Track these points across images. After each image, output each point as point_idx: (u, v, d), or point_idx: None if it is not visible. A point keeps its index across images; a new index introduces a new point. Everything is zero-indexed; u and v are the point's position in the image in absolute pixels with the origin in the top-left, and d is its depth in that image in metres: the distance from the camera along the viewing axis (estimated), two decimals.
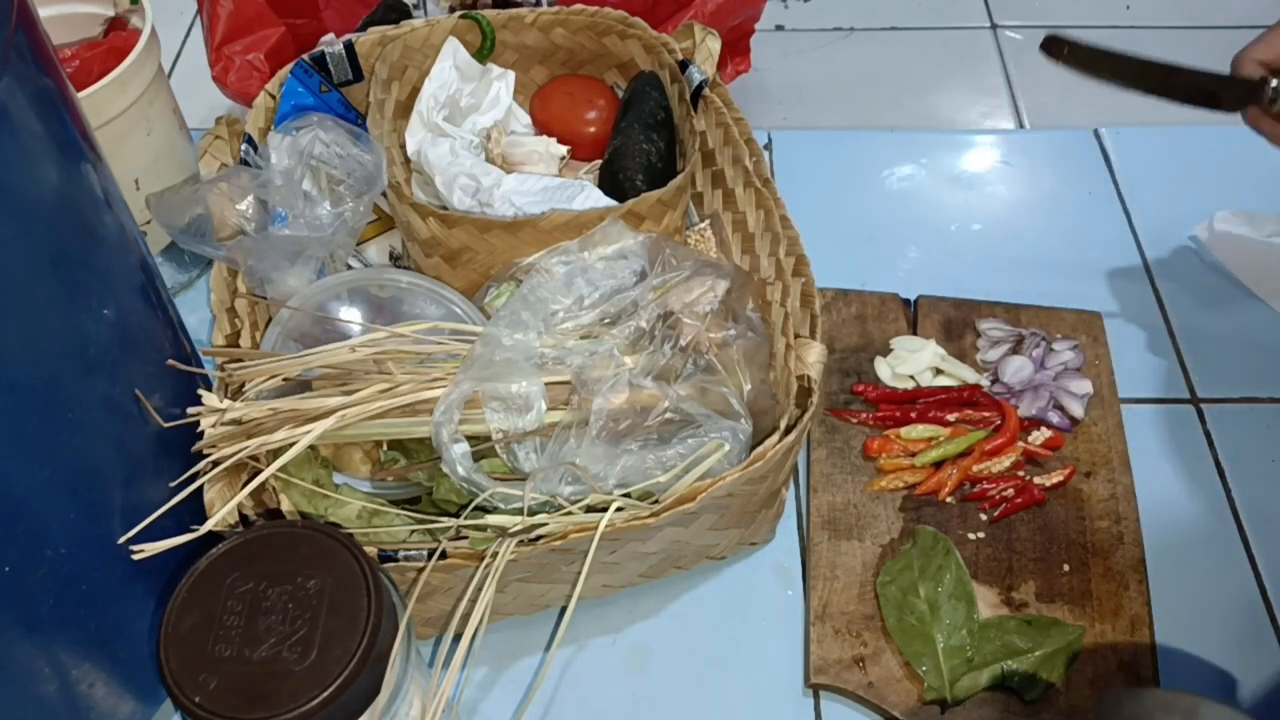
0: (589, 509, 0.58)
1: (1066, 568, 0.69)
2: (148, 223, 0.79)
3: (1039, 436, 0.75)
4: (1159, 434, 0.77)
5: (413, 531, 0.61)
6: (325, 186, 0.73)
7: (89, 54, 0.78)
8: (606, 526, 0.57)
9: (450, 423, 0.59)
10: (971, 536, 0.71)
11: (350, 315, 0.71)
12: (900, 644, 0.65)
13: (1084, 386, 0.77)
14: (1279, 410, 0.79)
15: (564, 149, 0.81)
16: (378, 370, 0.61)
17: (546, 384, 0.61)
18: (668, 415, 0.61)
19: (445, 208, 0.74)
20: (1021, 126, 1.04)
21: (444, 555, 0.57)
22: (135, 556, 0.53)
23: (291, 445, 0.57)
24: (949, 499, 0.72)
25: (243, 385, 0.61)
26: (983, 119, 1.05)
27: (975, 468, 0.73)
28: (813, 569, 0.69)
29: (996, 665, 0.63)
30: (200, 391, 0.59)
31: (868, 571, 0.69)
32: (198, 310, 0.84)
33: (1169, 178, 0.95)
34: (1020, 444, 0.74)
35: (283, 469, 0.58)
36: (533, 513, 0.58)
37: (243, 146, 0.74)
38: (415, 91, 0.81)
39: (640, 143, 0.76)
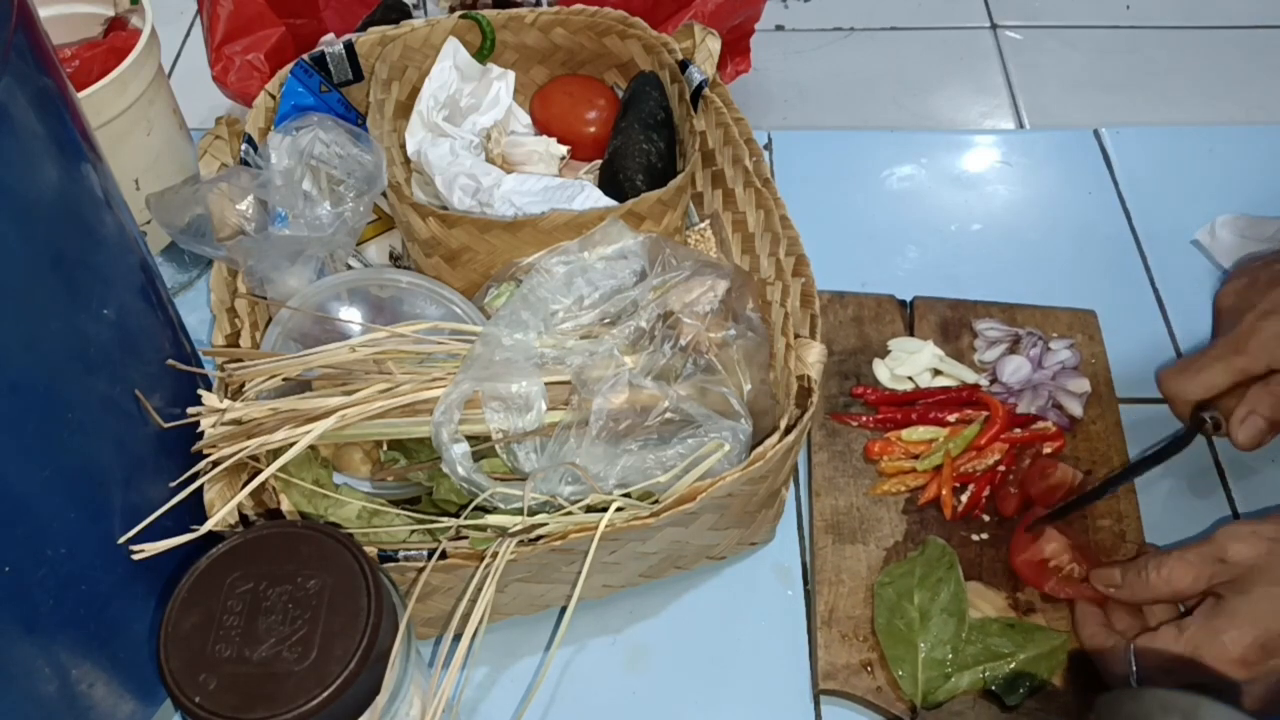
0: (589, 509, 0.58)
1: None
2: (148, 223, 0.79)
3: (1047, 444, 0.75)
4: (1159, 433, 0.77)
5: (413, 531, 0.61)
6: (325, 186, 0.73)
7: (89, 54, 0.78)
8: (606, 526, 0.57)
9: (450, 423, 0.59)
10: (975, 538, 0.71)
11: (350, 315, 0.71)
12: (884, 644, 0.65)
13: (1082, 385, 0.77)
14: None
15: (564, 149, 0.81)
16: (378, 370, 0.61)
17: (546, 384, 0.61)
18: (668, 415, 0.61)
19: (445, 208, 0.74)
20: (1021, 126, 1.04)
21: (444, 555, 0.57)
22: (135, 556, 0.53)
23: (291, 445, 0.57)
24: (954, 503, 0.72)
25: (243, 385, 0.61)
26: (983, 119, 1.05)
27: (963, 467, 0.72)
28: (818, 573, 0.69)
29: (977, 669, 0.63)
30: (200, 391, 0.59)
31: (873, 575, 0.69)
32: (198, 310, 0.84)
33: (1169, 178, 0.95)
34: (1018, 431, 0.74)
35: (283, 469, 0.58)
36: (533, 513, 0.58)
37: (243, 146, 0.74)
38: (415, 91, 0.81)
39: (640, 143, 0.76)
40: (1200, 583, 0.59)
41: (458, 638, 0.56)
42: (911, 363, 0.79)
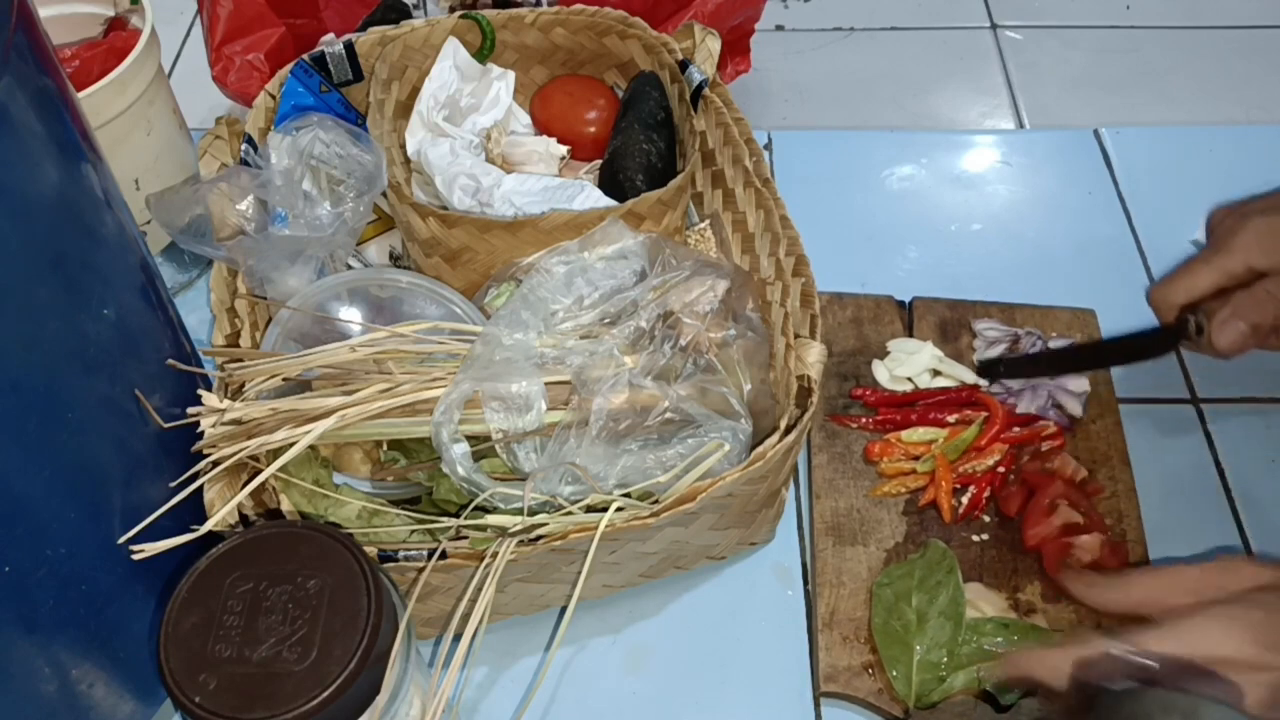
0: (589, 509, 0.58)
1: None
2: (148, 223, 0.79)
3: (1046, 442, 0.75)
4: (1159, 433, 0.77)
5: (413, 531, 0.61)
6: (325, 186, 0.73)
7: (89, 54, 0.78)
8: (606, 526, 0.57)
9: (450, 423, 0.59)
10: (975, 539, 0.71)
11: (350, 315, 0.71)
12: (879, 645, 0.65)
13: (1081, 385, 0.77)
14: (1279, 410, 0.79)
15: (564, 149, 0.81)
16: (378, 370, 0.61)
17: (546, 384, 0.61)
18: (668, 415, 0.61)
19: (445, 208, 0.74)
20: (1021, 126, 1.04)
21: (444, 555, 0.57)
22: (135, 556, 0.53)
23: (291, 445, 0.57)
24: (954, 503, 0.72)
25: (243, 385, 0.61)
26: (983, 119, 1.05)
27: (963, 468, 0.72)
28: (819, 575, 0.69)
29: (971, 669, 0.63)
30: (200, 391, 0.59)
31: (874, 577, 0.69)
32: (198, 310, 0.84)
33: (1169, 178, 0.95)
34: (1017, 430, 0.74)
35: (283, 469, 0.58)
36: (533, 513, 0.58)
37: (243, 146, 0.74)
38: (415, 91, 0.81)
39: (640, 143, 0.76)
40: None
41: (458, 638, 0.56)
42: (911, 363, 0.79)
